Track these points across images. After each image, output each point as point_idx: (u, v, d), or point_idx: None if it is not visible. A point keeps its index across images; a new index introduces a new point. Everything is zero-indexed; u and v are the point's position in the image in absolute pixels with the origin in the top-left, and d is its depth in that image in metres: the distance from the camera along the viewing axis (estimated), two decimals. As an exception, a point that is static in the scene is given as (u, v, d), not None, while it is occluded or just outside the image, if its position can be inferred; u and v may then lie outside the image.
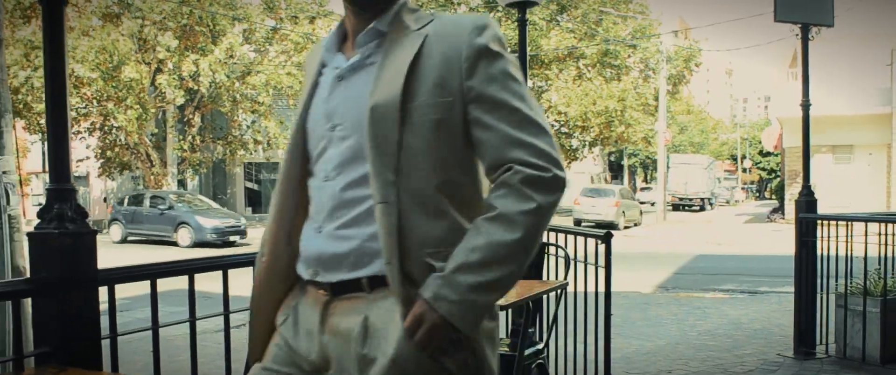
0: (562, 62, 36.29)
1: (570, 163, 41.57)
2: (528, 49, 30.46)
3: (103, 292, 2.27)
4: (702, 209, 45.38)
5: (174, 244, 22.20)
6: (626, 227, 28.16)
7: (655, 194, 38.58)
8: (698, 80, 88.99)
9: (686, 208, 45.21)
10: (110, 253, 16.97)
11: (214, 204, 25.66)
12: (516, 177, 1.59)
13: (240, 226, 22.66)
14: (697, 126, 72.07)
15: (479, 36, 1.63)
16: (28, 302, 2.26)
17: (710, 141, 75.13)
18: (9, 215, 5.84)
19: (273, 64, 27.88)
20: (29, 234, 2.16)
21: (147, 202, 23.79)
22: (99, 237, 2.23)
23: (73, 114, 24.66)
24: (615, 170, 62.74)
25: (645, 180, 68.00)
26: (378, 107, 1.61)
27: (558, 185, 1.64)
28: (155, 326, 2.48)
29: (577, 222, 27.11)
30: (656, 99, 36.79)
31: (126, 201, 24.59)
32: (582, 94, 34.89)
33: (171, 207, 22.94)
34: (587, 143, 39.37)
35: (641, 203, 34.81)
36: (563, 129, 38.20)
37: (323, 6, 28.75)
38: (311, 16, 28.34)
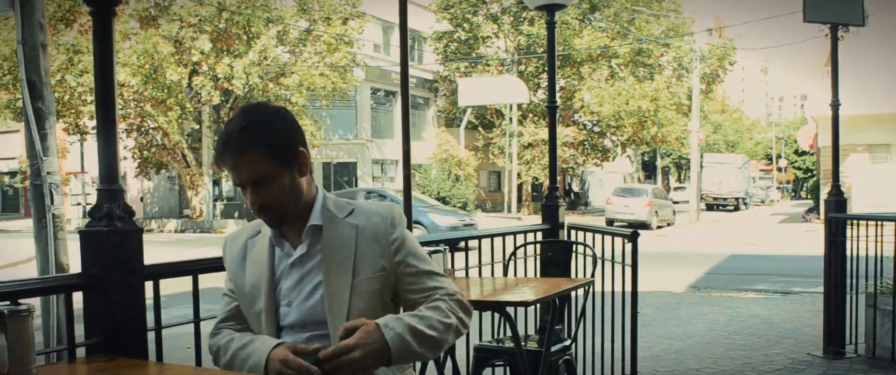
0: (594, 61, 36.20)
1: (602, 162, 41.49)
2: (560, 48, 30.54)
3: (148, 287, 2.41)
4: (736, 209, 45.02)
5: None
6: (658, 227, 28.05)
7: (689, 194, 38.35)
8: (733, 79, 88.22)
9: (720, 208, 44.87)
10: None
11: (432, 201, 24.59)
12: (445, 298, 2.15)
13: (472, 223, 20.84)
14: (732, 125, 71.45)
15: (394, 229, 2.16)
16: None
17: (744, 140, 74.43)
18: (53, 214, 6.05)
19: (306, 65, 28.14)
20: (80, 232, 2.30)
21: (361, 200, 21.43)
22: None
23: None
24: (649, 170, 62.41)
25: (678, 180, 67.53)
26: (330, 286, 2.11)
27: (469, 309, 2.20)
28: (196, 319, 2.63)
29: (610, 222, 27.03)
30: (689, 98, 36.57)
31: None
32: (615, 94, 34.78)
33: None
34: (620, 143, 39.23)
35: (675, 203, 34.59)
36: (596, 129, 38.13)
37: (355, 7, 28.94)
38: (344, 17, 28.55)
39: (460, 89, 35.17)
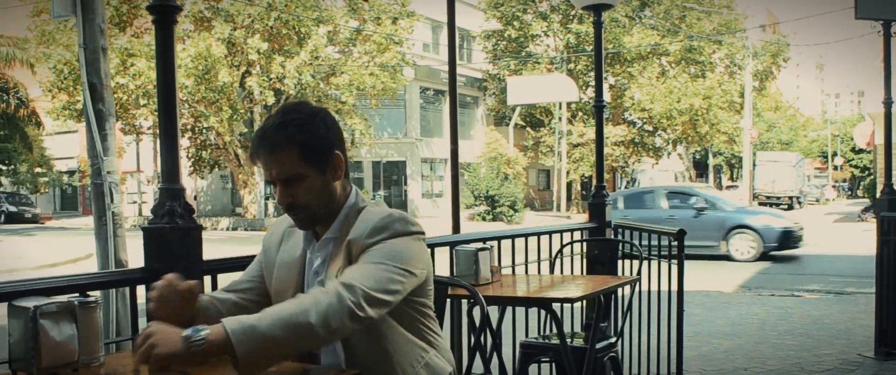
0: (644, 59, 35.89)
1: (655, 160, 41.10)
2: (610, 46, 30.30)
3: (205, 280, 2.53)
4: (790, 208, 44.21)
5: (725, 258, 15.39)
6: (710, 226, 27.67)
7: (741, 192, 37.81)
8: (787, 76, 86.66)
9: (773, 207, 44.13)
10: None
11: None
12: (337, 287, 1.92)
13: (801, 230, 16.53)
14: (786, 123, 70.24)
15: (371, 237, 2.04)
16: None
17: (799, 137, 73.09)
18: (112, 212, 6.25)
19: (356, 64, 28.40)
20: (144, 228, 2.42)
21: (664, 200, 16.66)
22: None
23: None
24: (700, 169, 61.63)
25: (731, 178, 66.54)
26: None
27: (359, 303, 1.90)
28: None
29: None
30: (742, 96, 36.09)
31: (622, 201, 17.06)
32: (666, 92, 34.47)
33: (711, 206, 16.00)
34: (671, 141, 38.85)
35: (727, 201, 34.11)
36: (647, 127, 37.81)
37: (405, 6, 29.12)
38: (394, 16, 28.74)
39: (509, 87, 35.16)
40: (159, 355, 1.70)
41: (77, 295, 2.00)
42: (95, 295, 2.05)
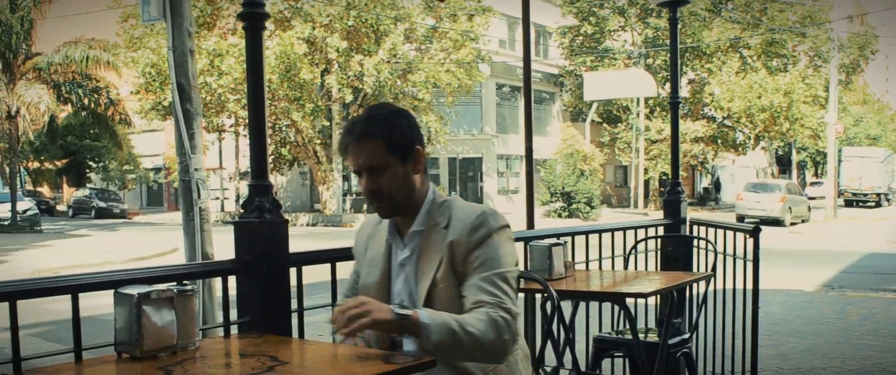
0: (724, 53, 35.21)
1: (736, 155, 40.31)
2: (689, 40, 29.80)
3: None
4: (878, 205, 42.80)
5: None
6: (792, 224, 27.07)
7: (826, 189, 36.76)
8: (876, 68, 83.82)
9: (860, 204, 42.77)
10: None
11: None
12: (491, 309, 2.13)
13: None
14: (874, 117, 67.91)
15: (473, 234, 2.21)
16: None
17: (888, 133, 70.57)
18: (199, 207, 6.51)
19: (433, 61, 28.60)
20: (234, 223, 2.58)
21: None
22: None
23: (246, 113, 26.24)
24: (783, 164, 60.08)
25: (815, 174, 64.71)
26: (417, 291, 2.25)
27: (511, 329, 2.14)
28: (334, 303, 2.88)
29: (740, 218, 26.23)
30: (827, 90, 35.06)
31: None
32: (746, 88, 33.75)
33: None
34: (752, 136, 38.04)
35: (810, 198, 33.22)
36: (726, 122, 37.11)
37: (480, 2, 29.17)
38: (470, 13, 28.84)
39: (586, 83, 34.91)
40: (375, 320, 1.98)
41: (175, 283, 2.15)
42: (191, 284, 2.20)
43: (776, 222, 25.91)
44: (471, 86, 30.09)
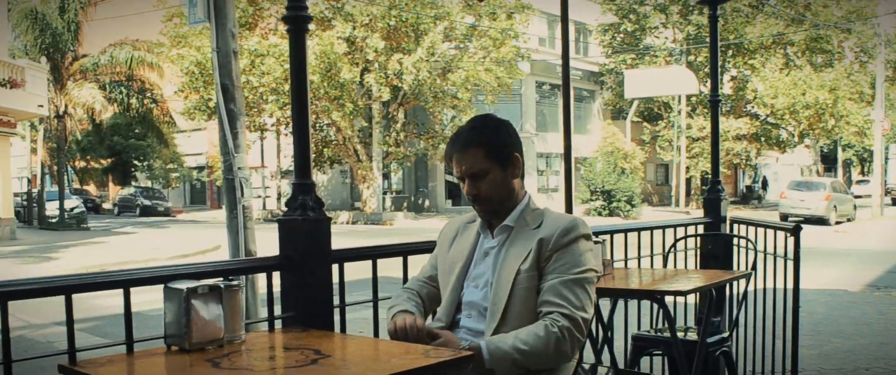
0: (767, 50, 34.74)
1: (780, 152, 39.78)
2: (731, 37, 29.29)
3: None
4: (927, 204, 41.98)
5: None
6: (837, 223, 26.65)
7: (872, 187, 36.12)
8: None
9: (907, 203, 41.99)
10: None
11: None
12: (557, 318, 2.28)
13: None
14: (923, 114, 66.51)
15: (563, 237, 2.36)
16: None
17: (938, 130, 69.08)
18: (243, 205, 6.63)
19: (472, 60, 28.62)
20: (278, 220, 2.65)
21: None
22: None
23: (289, 112, 26.52)
24: (828, 162, 59.11)
25: (862, 172, 63.58)
26: (498, 281, 2.39)
27: (576, 337, 2.29)
28: (375, 299, 2.94)
29: (784, 216, 25.89)
30: (873, 86, 34.44)
31: None
32: (790, 84, 33.28)
33: None
34: (796, 134, 37.50)
35: (856, 197, 32.65)
36: (770, 119, 36.65)
37: (520, 0, 29.12)
38: (509, 11, 28.80)
39: (627, 81, 34.69)
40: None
41: (222, 279, 2.22)
42: (237, 279, 2.27)
43: (821, 221, 25.54)
44: (510, 85, 30.05)
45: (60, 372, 2.01)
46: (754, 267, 4.30)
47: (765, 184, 47.13)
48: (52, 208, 30.97)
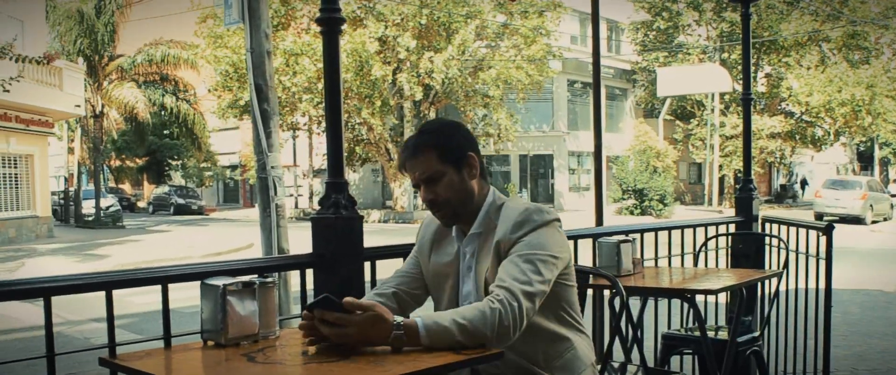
0: (802, 47, 34.34)
1: (816, 150, 39.33)
2: (766, 34, 29.00)
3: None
4: (966, 203, 41.24)
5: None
6: (873, 222, 26.28)
7: (910, 186, 35.57)
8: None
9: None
10: None
11: None
12: (500, 293, 2.14)
13: None
14: (964, 111, 65.31)
15: (515, 233, 2.26)
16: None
17: (978, 128, 67.82)
18: (276, 204, 6.71)
19: (503, 58, 28.61)
20: (312, 218, 2.70)
21: None
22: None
23: (321, 111, 26.71)
24: (864, 161, 58.30)
25: (899, 171, 62.61)
26: (476, 293, 2.32)
27: (517, 315, 2.12)
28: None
29: (819, 216, 25.59)
30: (912, 83, 33.94)
31: None
32: (826, 81, 32.87)
33: None
34: (831, 132, 37.03)
35: (893, 196, 32.19)
36: (805, 117, 36.24)
37: (552, -2, 29.06)
38: (541, 9, 28.75)
39: (659, 79, 34.48)
40: (361, 340, 2.00)
41: (257, 276, 2.27)
42: (271, 276, 2.32)
43: (856, 220, 25.21)
44: (541, 83, 29.98)
45: (101, 365, 2.07)
46: (786, 267, 4.29)
47: (804, 184, 46.57)
48: (88, 206, 31.46)
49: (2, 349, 7.75)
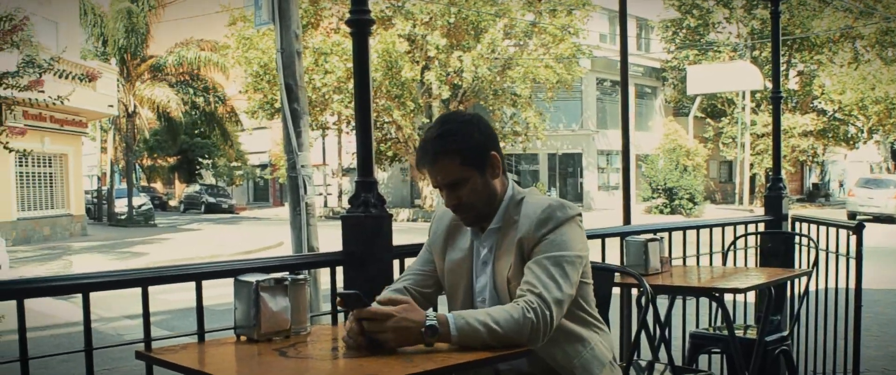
0: (835, 44, 33.94)
1: (849, 149, 38.86)
2: (797, 31, 28.69)
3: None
4: None
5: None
6: (908, 221, 25.90)
7: (946, 185, 34.95)
8: None
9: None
10: None
11: None
12: (530, 297, 2.14)
13: None
14: None
15: (539, 230, 2.23)
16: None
17: None
18: (306, 203, 6.78)
19: (531, 57, 28.56)
20: (342, 217, 2.75)
21: None
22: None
23: (351, 111, 26.85)
24: (900, 159, 57.50)
25: (935, 170, 61.65)
26: (495, 290, 2.32)
27: (548, 318, 2.13)
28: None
29: (852, 215, 25.25)
30: (948, 80, 33.41)
31: None
32: (859, 79, 32.46)
33: None
34: (865, 130, 36.57)
35: (928, 194, 31.67)
36: (837, 115, 35.83)
37: (581, -4, 28.97)
38: (570, 7, 28.67)
39: (689, 77, 34.26)
40: (398, 338, 2.00)
41: (288, 273, 2.32)
42: (303, 273, 2.37)
43: (890, 219, 24.85)
44: (570, 81, 29.89)
45: (137, 358, 2.13)
46: (815, 266, 4.27)
47: (841, 184, 46.01)
48: (120, 205, 31.84)
49: (37, 344, 7.90)
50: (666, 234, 4.11)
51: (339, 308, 2.67)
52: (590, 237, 2.64)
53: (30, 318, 2.22)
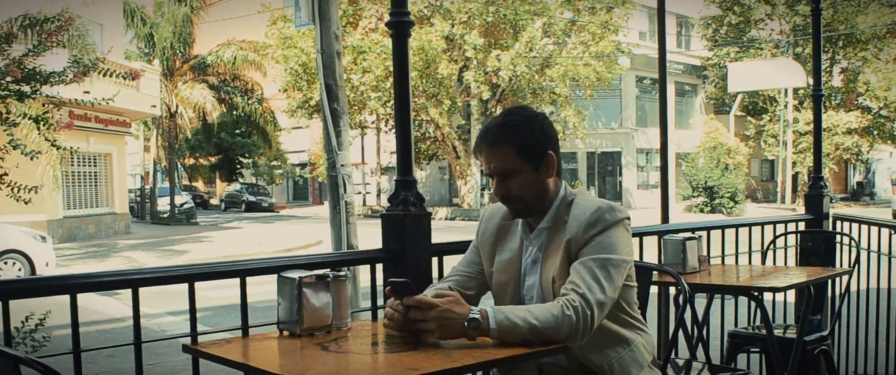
0: (881, 40, 33.36)
1: (893, 148, 38.19)
2: (842, 27, 28.22)
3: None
4: None
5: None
6: (956, 220, 25.37)
7: None
8: None
9: None
10: None
11: None
12: (573, 295, 2.16)
13: None
14: None
15: (587, 232, 2.25)
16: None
17: None
18: (346, 201, 6.86)
19: (570, 55, 28.46)
20: (382, 215, 2.81)
21: None
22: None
23: (389, 110, 26.98)
24: (946, 157, 56.33)
25: (984, 168, 60.29)
26: (541, 289, 2.34)
27: (589, 318, 2.15)
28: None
29: (896, 214, 24.90)
30: None
31: None
32: (905, 75, 31.88)
33: None
34: (910, 127, 35.90)
35: (976, 194, 31.07)
36: (883, 112, 35.22)
37: (620, -6, 28.80)
38: (609, 5, 28.51)
39: (730, 74, 33.90)
40: (443, 333, 2.06)
41: (330, 269, 2.37)
42: (344, 270, 2.43)
43: (937, 218, 24.39)
44: (610, 79, 29.74)
45: (184, 352, 2.20)
46: (856, 265, 4.23)
47: (893, 181, 45.19)
48: (163, 204, 32.33)
49: (84, 339, 8.07)
50: (704, 233, 4.11)
51: (387, 297, 2.72)
52: (627, 235, 2.65)
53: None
